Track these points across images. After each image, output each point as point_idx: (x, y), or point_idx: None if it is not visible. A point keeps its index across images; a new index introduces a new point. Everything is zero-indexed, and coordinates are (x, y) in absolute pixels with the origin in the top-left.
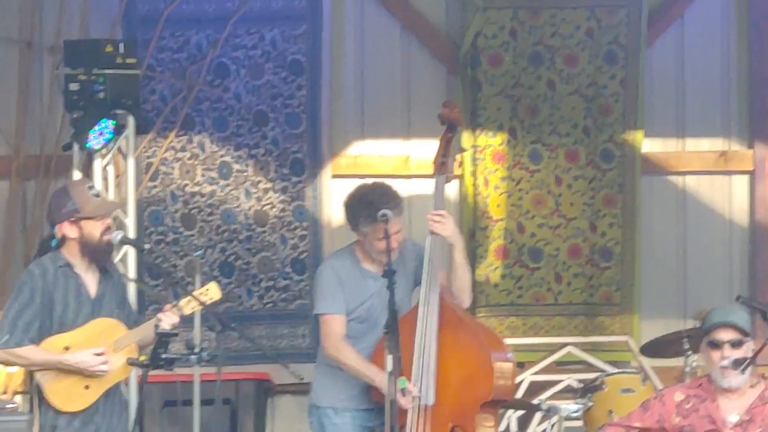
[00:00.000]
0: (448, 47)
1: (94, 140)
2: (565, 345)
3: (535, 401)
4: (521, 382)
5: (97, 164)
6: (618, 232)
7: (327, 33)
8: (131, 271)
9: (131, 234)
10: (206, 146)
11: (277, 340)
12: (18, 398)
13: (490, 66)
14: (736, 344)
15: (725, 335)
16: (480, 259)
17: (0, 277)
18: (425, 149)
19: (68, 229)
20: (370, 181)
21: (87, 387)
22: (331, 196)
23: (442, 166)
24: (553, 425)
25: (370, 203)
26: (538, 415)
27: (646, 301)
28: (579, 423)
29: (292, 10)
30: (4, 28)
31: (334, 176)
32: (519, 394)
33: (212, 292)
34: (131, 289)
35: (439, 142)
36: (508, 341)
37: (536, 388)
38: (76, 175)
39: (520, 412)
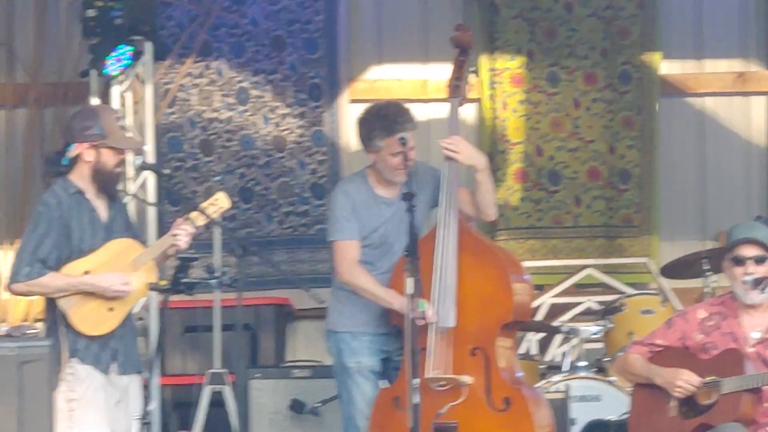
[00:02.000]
0: None
1: (112, 67)
2: (584, 267)
3: (556, 323)
4: (541, 304)
5: (115, 91)
6: (636, 155)
7: None
8: (150, 197)
9: (150, 160)
10: (224, 72)
11: (297, 265)
12: (39, 325)
13: None
14: (759, 261)
15: (749, 251)
16: (499, 182)
17: (20, 204)
18: (443, 73)
19: (86, 152)
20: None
21: (111, 309)
22: (349, 121)
23: (456, 90)
24: (573, 347)
25: (385, 116)
26: (558, 338)
27: (665, 223)
28: (599, 345)
29: None
30: None
31: (352, 101)
32: (539, 317)
33: (221, 201)
34: (151, 214)
35: (452, 65)
36: (528, 264)
37: (556, 310)
38: (94, 101)
39: (541, 335)
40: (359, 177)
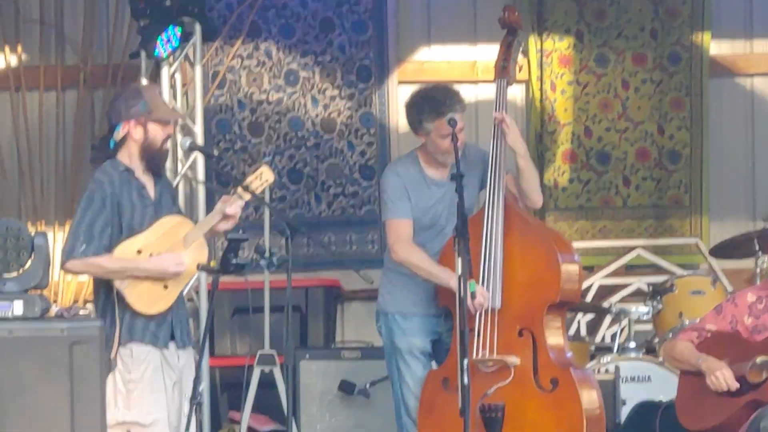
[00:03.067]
0: None
1: (161, 48)
2: (634, 248)
3: (605, 304)
4: (590, 285)
5: (165, 72)
6: (686, 135)
7: None
8: (200, 178)
9: (199, 142)
10: (273, 54)
11: (346, 246)
12: (90, 306)
13: None
14: None
15: None
16: (548, 163)
17: (71, 186)
18: (492, 54)
19: (134, 130)
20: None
21: (166, 287)
22: (398, 103)
23: (503, 71)
24: (622, 328)
25: (434, 99)
26: (607, 318)
27: (715, 203)
28: (649, 326)
29: None
30: None
31: (401, 82)
32: (588, 298)
33: (266, 174)
34: (200, 195)
35: (499, 46)
36: (577, 245)
37: (605, 291)
38: (144, 83)
39: (590, 316)
40: (409, 158)
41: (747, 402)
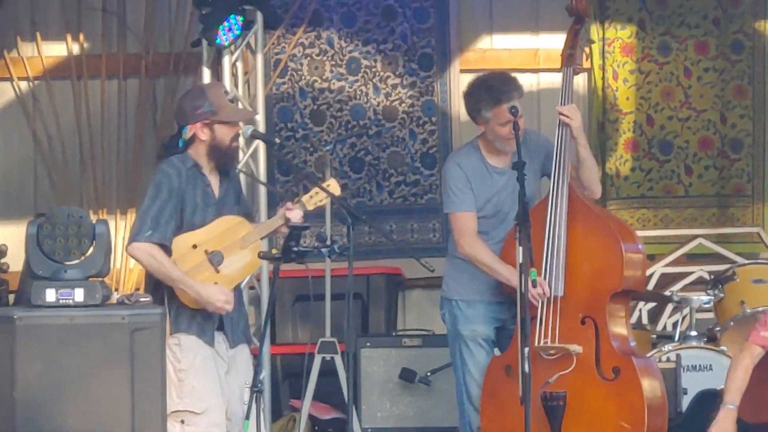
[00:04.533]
0: None
1: (223, 36)
2: (695, 237)
3: (666, 293)
4: (652, 274)
5: (226, 61)
6: (749, 124)
7: None
8: (261, 166)
9: (261, 130)
10: (335, 42)
11: (408, 234)
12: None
13: None
14: None
15: None
16: (610, 151)
17: (132, 174)
18: (554, 42)
19: (201, 131)
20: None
21: (216, 283)
22: (460, 91)
23: (570, 58)
24: (684, 317)
25: (491, 87)
26: (669, 307)
27: None
28: (710, 314)
29: None
30: None
31: (463, 71)
32: (650, 286)
33: (332, 188)
34: (262, 189)
35: (566, 33)
36: (639, 234)
37: (667, 280)
38: (205, 72)
39: (652, 304)
40: (470, 148)
41: None
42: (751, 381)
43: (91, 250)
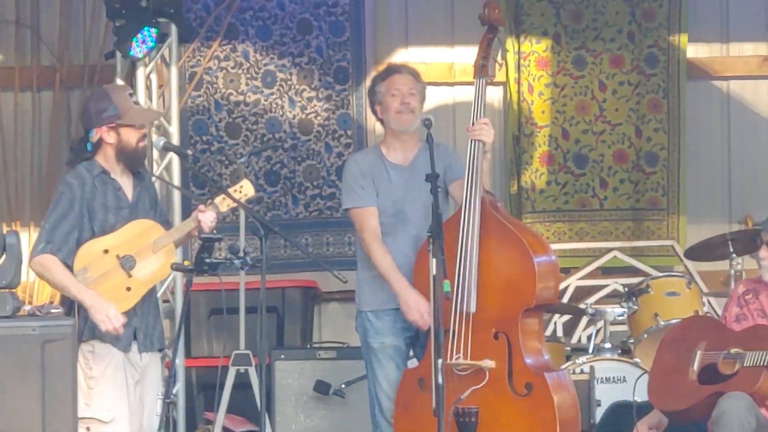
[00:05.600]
0: None
1: (137, 49)
2: (610, 250)
3: (581, 306)
4: (567, 287)
5: (140, 73)
6: (663, 137)
7: None
8: (175, 179)
9: (174, 142)
10: (250, 55)
11: (323, 247)
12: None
13: None
14: None
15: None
16: (525, 165)
17: (46, 186)
18: (470, 56)
19: (106, 135)
20: None
21: (128, 289)
22: None
23: (483, 69)
24: (599, 329)
25: (385, 67)
26: (584, 320)
27: (691, 206)
28: (624, 327)
29: None
30: None
31: None
32: (565, 299)
33: (246, 188)
34: (177, 196)
35: (479, 43)
36: (554, 247)
37: (582, 293)
38: (118, 83)
39: (566, 317)
40: (370, 148)
41: (710, 394)
42: (663, 370)
43: (0, 261)
